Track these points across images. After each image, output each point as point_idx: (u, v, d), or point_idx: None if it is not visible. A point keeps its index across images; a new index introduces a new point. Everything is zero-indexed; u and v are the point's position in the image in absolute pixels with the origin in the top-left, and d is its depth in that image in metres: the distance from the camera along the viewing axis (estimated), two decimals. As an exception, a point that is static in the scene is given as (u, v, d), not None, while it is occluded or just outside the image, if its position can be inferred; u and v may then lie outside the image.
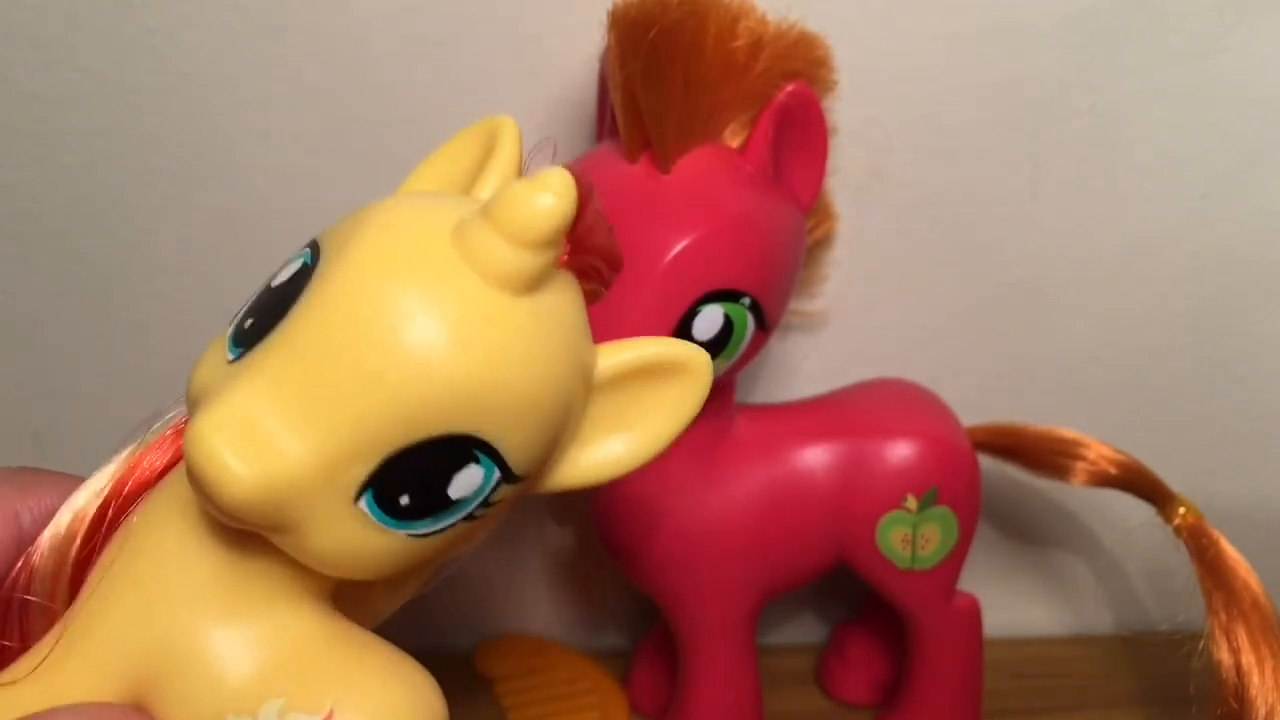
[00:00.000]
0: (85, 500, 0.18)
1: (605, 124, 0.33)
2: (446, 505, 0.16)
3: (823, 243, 0.36)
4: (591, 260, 0.17)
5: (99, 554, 0.18)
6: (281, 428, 0.15)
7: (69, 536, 0.18)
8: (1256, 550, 0.33)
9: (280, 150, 0.35)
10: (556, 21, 0.33)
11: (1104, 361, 0.40)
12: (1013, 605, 0.43)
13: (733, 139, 0.30)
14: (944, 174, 0.37)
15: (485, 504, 0.17)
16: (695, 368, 0.18)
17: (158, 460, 0.19)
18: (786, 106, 0.29)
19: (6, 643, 0.18)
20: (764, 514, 0.33)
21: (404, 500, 0.16)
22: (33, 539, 0.18)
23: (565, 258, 0.17)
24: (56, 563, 0.18)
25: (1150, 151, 0.37)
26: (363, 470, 0.15)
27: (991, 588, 0.37)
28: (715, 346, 0.29)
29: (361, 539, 0.16)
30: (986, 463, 0.35)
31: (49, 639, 0.17)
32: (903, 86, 0.35)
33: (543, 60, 0.34)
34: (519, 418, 0.16)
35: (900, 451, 0.33)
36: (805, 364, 0.39)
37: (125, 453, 0.19)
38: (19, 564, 0.18)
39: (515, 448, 0.16)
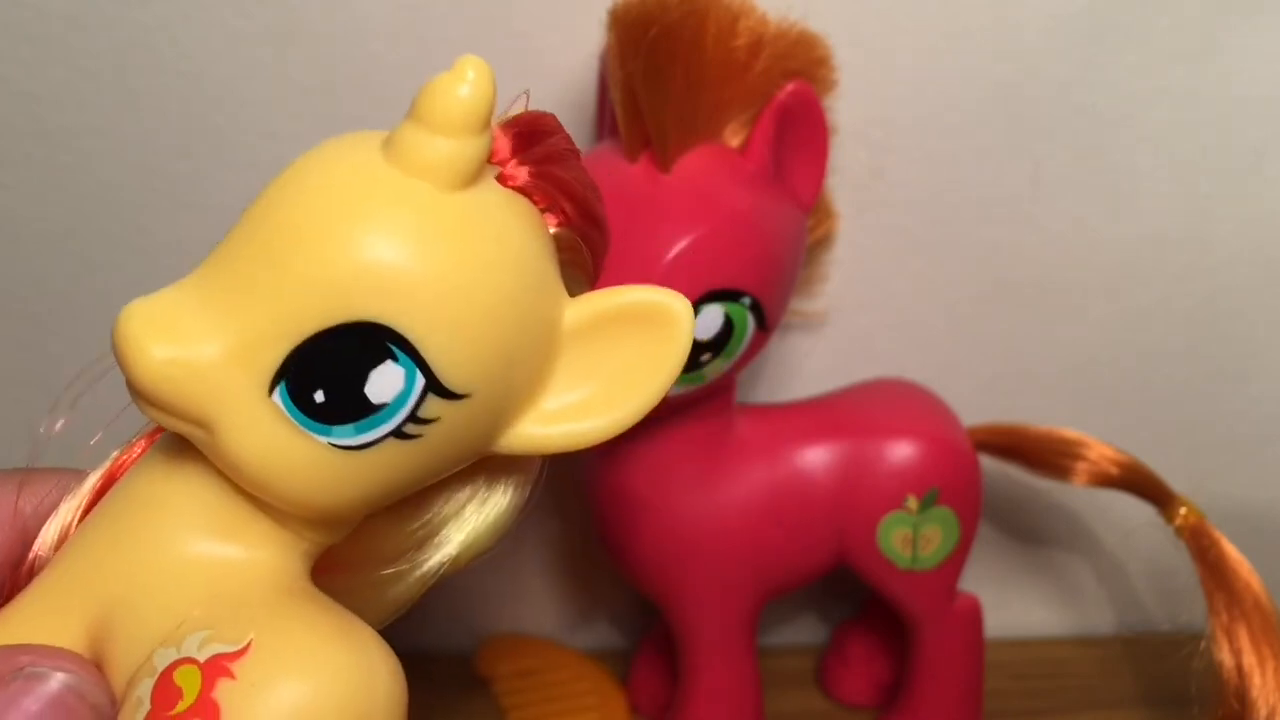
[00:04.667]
0: (87, 489, 0.18)
1: (605, 124, 0.33)
2: (366, 409, 0.15)
3: (823, 242, 0.36)
4: (548, 189, 0.17)
5: None
6: (197, 315, 0.15)
7: (69, 527, 0.18)
8: (1258, 551, 0.33)
9: (280, 150, 0.35)
10: (555, 21, 0.33)
11: (1105, 361, 0.40)
12: (1014, 606, 0.43)
13: (733, 138, 0.30)
14: (944, 174, 0.37)
15: (415, 419, 0.16)
16: (675, 315, 0.17)
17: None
18: (787, 106, 0.29)
19: None
20: (764, 514, 0.33)
21: (319, 396, 0.15)
22: (37, 532, 0.18)
23: (522, 180, 0.17)
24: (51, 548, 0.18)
25: (1150, 151, 0.37)
26: (273, 356, 0.15)
27: (993, 588, 0.37)
28: (715, 346, 0.29)
29: (283, 444, 0.16)
30: (987, 463, 0.35)
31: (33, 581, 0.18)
32: (903, 86, 0.35)
33: (542, 60, 0.34)
34: (441, 315, 0.15)
35: (901, 452, 0.33)
36: (805, 364, 0.39)
37: (131, 441, 0.19)
38: (29, 557, 0.18)
39: (439, 350, 0.15)
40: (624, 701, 0.38)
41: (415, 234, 0.15)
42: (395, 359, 0.15)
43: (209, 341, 0.15)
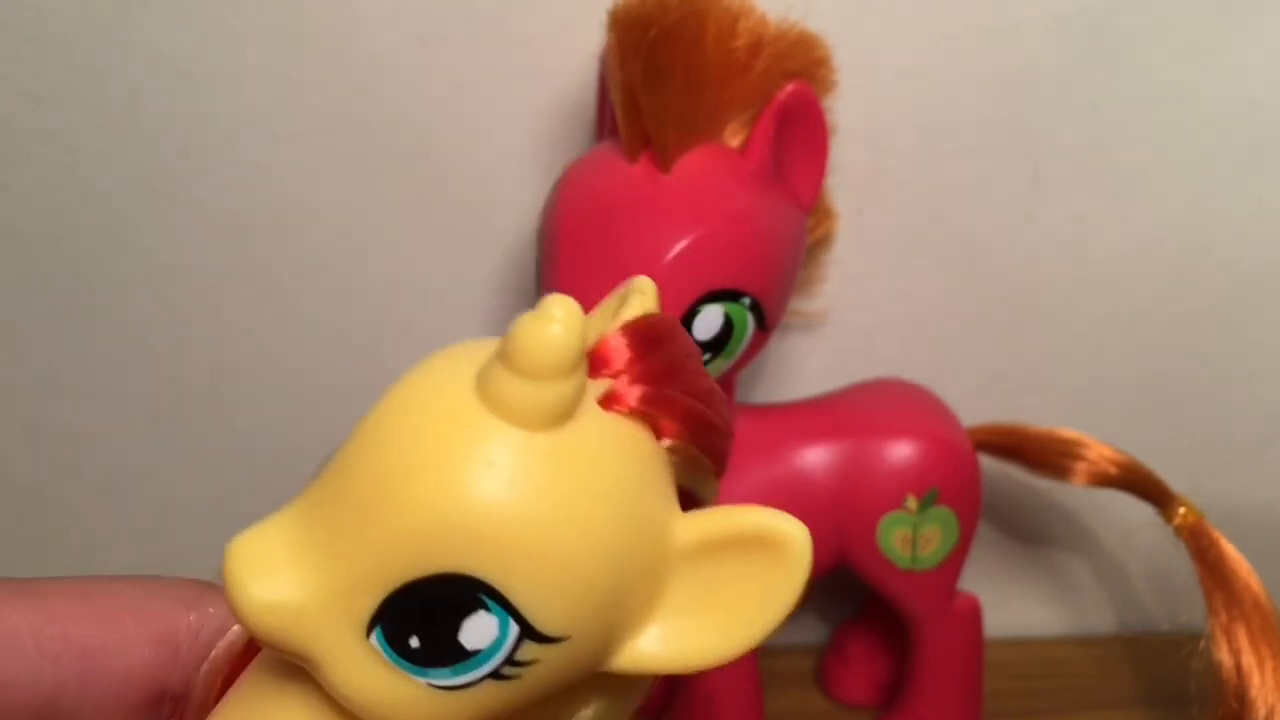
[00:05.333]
0: (237, 631, 0.18)
1: (605, 124, 0.33)
2: (462, 655, 0.15)
3: (823, 242, 0.36)
4: (659, 413, 0.16)
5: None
6: (297, 555, 0.16)
7: (219, 669, 0.18)
8: (1258, 551, 0.33)
9: (280, 150, 0.35)
10: (556, 21, 0.33)
11: (1104, 361, 0.40)
12: (1013, 606, 0.43)
13: (733, 138, 0.30)
14: (944, 173, 0.37)
15: (512, 662, 0.16)
16: (793, 546, 0.16)
17: None
18: (787, 106, 0.29)
19: None
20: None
21: (414, 642, 0.15)
22: (187, 661, 0.18)
23: (632, 403, 0.16)
24: (203, 695, 0.18)
25: (1150, 151, 0.37)
26: (367, 603, 0.15)
27: (992, 588, 0.37)
28: (715, 346, 0.29)
29: (383, 683, 0.16)
30: (987, 463, 0.35)
31: None
32: (903, 86, 0.35)
33: (542, 60, 0.34)
34: (531, 564, 0.15)
35: (900, 452, 0.33)
36: (805, 364, 0.39)
37: None
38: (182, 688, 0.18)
39: (532, 599, 0.15)
40: (624, 701, 0.38)
41: (502, 484, 0.15)
42: (487, 608, 0.15)
43: (308, 585, 0.15)
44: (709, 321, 0.29)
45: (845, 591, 0.40)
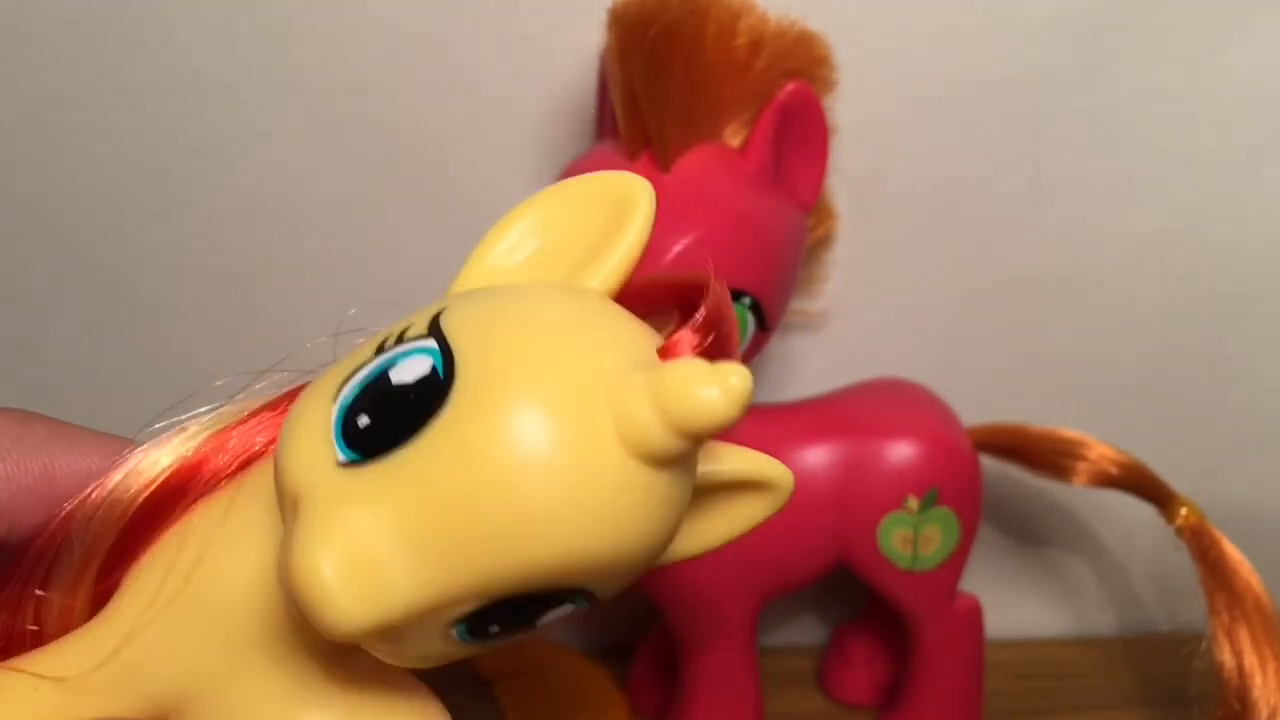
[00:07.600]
0: (139, 481, 0.17)
1: (605, 123, 0.33)
2: (530, 630, 0.16)
3: (823, 242, 0.36)
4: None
5: (148, 541, 0.17)
6: (396, 564, 0.15)
7: (114, 513, 0.17)
8: (1259, 551, 0.33)
9: (280, 150, 0.35)
10: (555, 20, 0.33)
11: (1105, 361, 0.40)
12: (1014, 606, 0.43)
13: (733, 138, 0.30)
14: (944, 173, 0.37)
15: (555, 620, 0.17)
16: (782, 490, 0.18)
17: (228, 458, 0.18)
18: (787, 105, 0.29)
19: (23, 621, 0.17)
20: (764, 514, 0.33)
21: (494, 629, 0.16)
22: (64, 498, 0.17)
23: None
24: (91, 543, 0.17)
25: (1151, 151, 0.37)
26: (466, 610, 0.15)
27: (993, 589, 0.37)
28: (715, 346, 0.29)
29: (440, 651, 0.16)
30: (988, 463, 0.35)
31: (88, 638, 0.17)
32: (903, 86, 0.35)
33: (542, 60, 0.34)
34: (628, 574, 0.16)
35: (901, 452, 0.33)
36: (805, 364, 0.39)
37: (190, 431, 0.18)
38: (49, 532, 0.17)
39: (613, 590, 0.16)
40: (624, 701, 0.38)
41: (632, 522, 0.15)
42: (574, 603, 0.16)
43: (403, 596, 0.15)
44: (709, 321, 0.29)
45: (845, 591, 0.40)
